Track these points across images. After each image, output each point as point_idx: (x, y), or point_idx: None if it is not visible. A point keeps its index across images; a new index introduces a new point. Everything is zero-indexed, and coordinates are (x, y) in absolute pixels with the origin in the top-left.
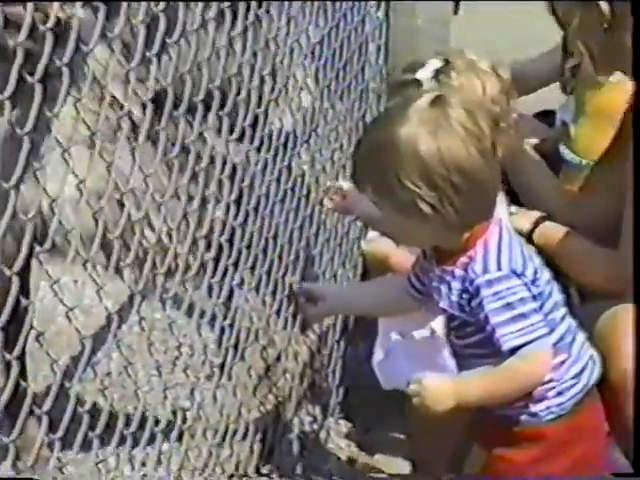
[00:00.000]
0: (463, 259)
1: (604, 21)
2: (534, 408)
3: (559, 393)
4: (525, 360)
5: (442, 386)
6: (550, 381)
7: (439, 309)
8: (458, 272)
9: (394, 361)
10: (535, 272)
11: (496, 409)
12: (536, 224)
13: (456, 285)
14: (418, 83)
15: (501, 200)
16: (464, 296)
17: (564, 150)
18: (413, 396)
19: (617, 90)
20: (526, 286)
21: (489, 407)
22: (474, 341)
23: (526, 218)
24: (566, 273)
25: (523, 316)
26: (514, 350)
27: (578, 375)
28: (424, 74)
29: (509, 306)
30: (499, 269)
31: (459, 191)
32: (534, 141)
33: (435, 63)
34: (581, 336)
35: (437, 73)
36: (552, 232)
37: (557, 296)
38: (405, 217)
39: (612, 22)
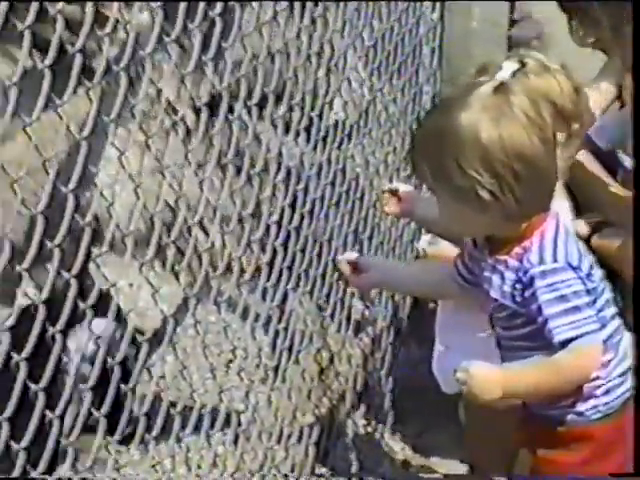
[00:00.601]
0: (518, 249)
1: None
2: (581, 407)
3: (607, 391)
4: (575, 354)
5: (490, 375)
6: (597, 379)
7: (490, 298)
8: (512, 262)
9: (453, 364)
10: (590, 267)
11: (542, 408)
12: (595, 229)
13: (509, 275)
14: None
15: (560, 195)
16: (517, 286)
17: (621, 155)
18: (460, 384)
19: None
20: (581, 279)
21: (536, 404)
22: (522, 333)
23: (585, 223)
24: (621, 276)
25: (576, 309)
26: (565, 343)
27: (624, 374)
28: (503, 76)
29: (563, 298)
30: (555, 260)
31: (519, 179)
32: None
33: (511, 65)
34: (627, 336)
35: (514, 74)
36: (611, 237)
37: (609, 294)
38: (463, 205)
39: None
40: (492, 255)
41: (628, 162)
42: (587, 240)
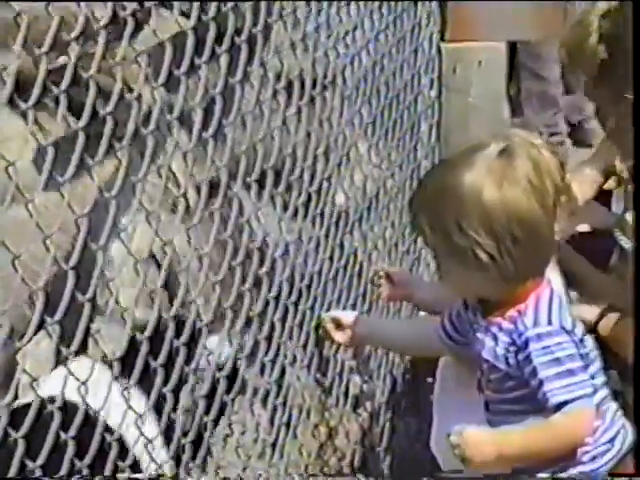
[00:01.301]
0: (512, 312)
1: None
2: (569, 472)
3: (593, 458)
4: (570, 417)
5: (483, 438)
6: (585, 445)
7: (481, 360)
8: (506, 325)
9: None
10: (583, 333)
11: (534, 473)
12: (601, 315)
13: (503, 338)
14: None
15: (553, 265)
16: (511, 349)
17: (619, 236)
18: (454, 447)
19: None
20: (574, 343)
21: (525, 465)
22: (513, 397)
23: (591, 309)
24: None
25: (570, 372)
26: (559, 406)
27: (612, 440)
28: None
29: (557, 361)
30: (550, 323)
31: (518, 243)
32: (585, 227)
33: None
34: (614, 405)
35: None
36: (619, 323)
37: (599, 363)
38: (460, 264)
39: None
40: (485, 317)
41: (625, 243)
42: (593, 327)
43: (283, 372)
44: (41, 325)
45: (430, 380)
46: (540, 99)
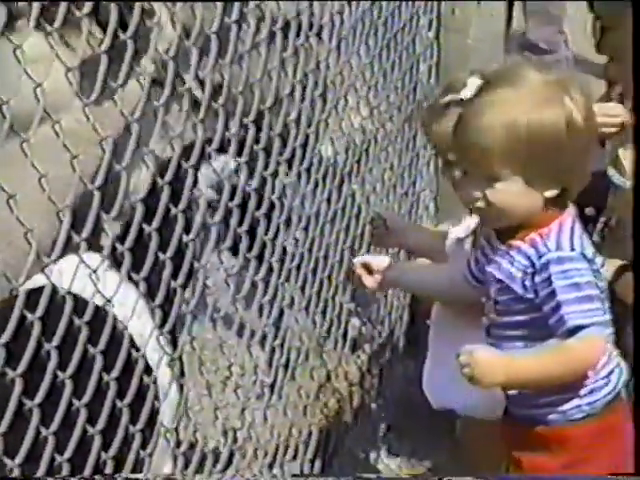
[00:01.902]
0: (532, 235)
1: None
2: (564, 406)
3: (591, 391)
4: (584, 342)
5: (494, 359)
6: (585, 377)
7: (494, 281)
8: (524, 247)
9: (441, 380)
10: (600, 266)
11: (523, 407)
12: (619, 274)
13: (520, 259)
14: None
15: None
16: (528, 271)
17: (613, 175)
18: (463, 366)
19: None
20: (594, 272)
21: (517, 403)
22: (519, 320)
23: (608, 266)
24: None
25: (589, 298)
26: (575, 330)
27: (609, 375)
28: (467, 93)
29: (577, 286)
30: (572, 249)
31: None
32: None
33: (475, 81)
34: (611, 344)
35: (480, 91)
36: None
37: (607, 302)
38: (526, 187)
39: None
40: (501, 241)
41: (617, 179)
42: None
43: (281, 314)
44: (67, 243)
45: (428, 322)
46: (544, 15)
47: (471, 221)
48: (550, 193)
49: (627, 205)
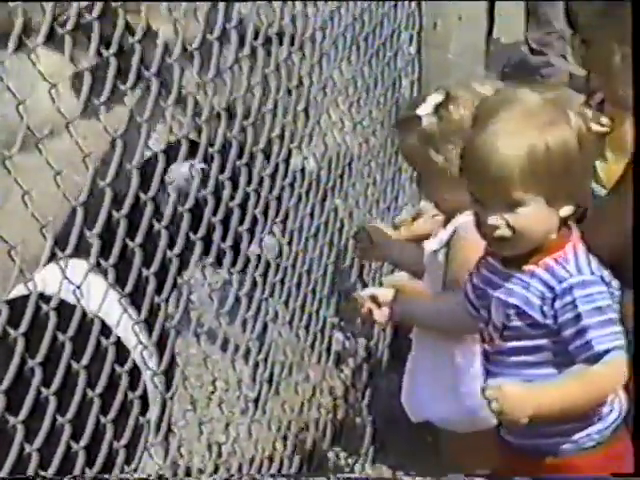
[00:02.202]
0: (546, 260)
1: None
2: (576, 435)
3: (600, 418)
4: (610, 367)
5: (523, 393)
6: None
7: (502, 306)
8: (540, 272)
9: (420, 394)
10: (617, 288)
11: (531, 438)
12: None
13: (536, 284)
14: (419, 119)
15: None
16: (547, 296)
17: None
18: (490, 401)
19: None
20: (612, 295)
21: (523, 434)
22: (528, 346)
23: None
24: None
25: (612, 322)
26: (601, 355)
27: (612, 402)
28: (424, 109)
29: (600, 310)
30: (592, 273)
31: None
32: None
33: (436, 97)
34: None
35: (437, 108)
36: None
37: None
38: (549, 212)
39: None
40: (508, 267)
41: (595, 189)
42: None
43: (265, 328)
44: (80, 239)
45: (410, 336)
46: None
47: (444, 234)
48: (565, 211)
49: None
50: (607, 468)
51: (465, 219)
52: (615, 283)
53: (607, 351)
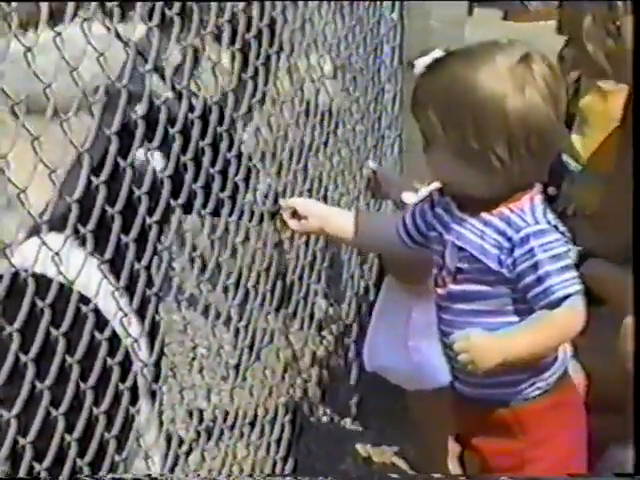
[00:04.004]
0: (503, 210)
1: (615, 21)
2: (523, 385)
3: (545, 368)
4: (572, 311)
5: (490, 341)
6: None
7: (453, 250)
8: (496, 221)
9: (374, 342)
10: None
11: (481, 389)
12: (581, 259)
13: (492, 234)
14: (413, 66)
15: None
16: (504, 245)
17: (567, 160)
18: (460, 352)
19: (622, 96)
20: (567, 242)
21: (473, 386)
22: (481, 291)
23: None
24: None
25: (569, 268)
26: (561, 300)
27: (557, 351)
28: (422, 61)
29: (558, 257)
30: (548, 222)
31: (531, 151)
32: None
33: (437, 53)
34: None
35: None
36: (597, 268)
37: None
38: (464, 163)
39: (622, 20)
40: (462, 211)
41: (571, 165)
42: None
43: (247, 295)
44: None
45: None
46: None
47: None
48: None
49: (588, 196)
50: (553, 415)
51: None
52: (567, 232)
53: (567, 296)
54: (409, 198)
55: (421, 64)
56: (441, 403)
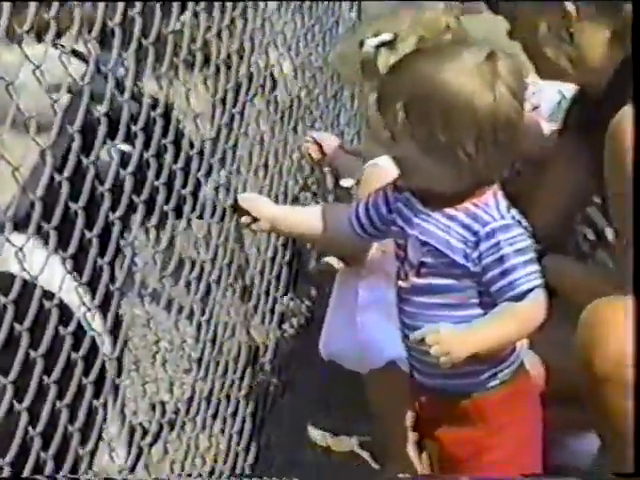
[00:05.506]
0: (467, 205)
1: (569, 26)
2: (483, 375)
3: (503, 359)
4: (536, 303)
5: (459, 334)
6: None
7: (416, 245)
8: (461, 216)
9: (327, 330)
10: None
11: (440, 379)
12: (540, 254)
13: (457, 228)
14: (362, 44)
15: None
16: (470, 239)
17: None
18: (431, 345)
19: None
20: (529, 237)
21: (432, 376)
22: (447, 284)
23: None
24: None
25: (532, 261)
26: (525, 293)
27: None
28: (371, 42)
29: (522, 251)
30: (512, 217)
31: (497, 145)
32: None
33: (385, 37)
34: None
35: (381, 44)
36: (557, 263)
37: None
38: (430, 156)
39: (576, 27)
40: (426, 206)
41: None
42: None
43: (209, 290)
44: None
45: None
46: None
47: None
48: None
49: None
50: (510, 405)
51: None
52: (529, 227)
53: (531, 289)
54: (346, 182)
55: (369, 44)
56: (396, 387)
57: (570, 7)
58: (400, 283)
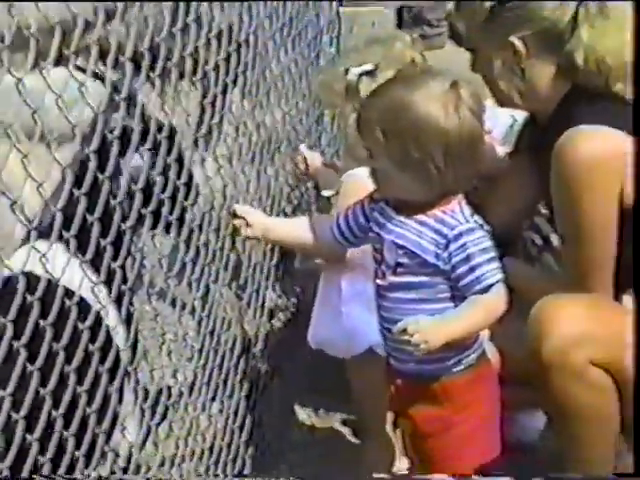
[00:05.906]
0: (436, 212)
1: (520, 62)
2: (450, 361)
3: (467, 347)
4: (499, 296)
5: (436, 324)
6: None
7: (392, 249)
8: (431, 222)
9: (314, 321)
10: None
11: (415, 364)
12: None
13: (428, 233)
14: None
15: None
16: (440, 241)
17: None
18: (412, 335)
19: None
20: (490, 238)
21: (410, 361)
22: (422, 281)
23: None
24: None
25: (495, 259)
26: (489, 287)
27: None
28: (355, 71)
29: (485, 250)
30: (475, 221)
31: (463, 160)
32: None
33: (367, 67)
34: None
35: (364, 73)
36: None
37: None
38: (404, 171)
39: (526, 63)
40: (399, 214)
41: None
42: None
43: (208, 289)
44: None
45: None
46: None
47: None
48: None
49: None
50: (473, 387)
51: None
52: (490, 230)
53: (494, 283)
54: (327, 192)
55: (354, 72)
56: (375, 372)
57: (520, 47)
58: (378, 281)
